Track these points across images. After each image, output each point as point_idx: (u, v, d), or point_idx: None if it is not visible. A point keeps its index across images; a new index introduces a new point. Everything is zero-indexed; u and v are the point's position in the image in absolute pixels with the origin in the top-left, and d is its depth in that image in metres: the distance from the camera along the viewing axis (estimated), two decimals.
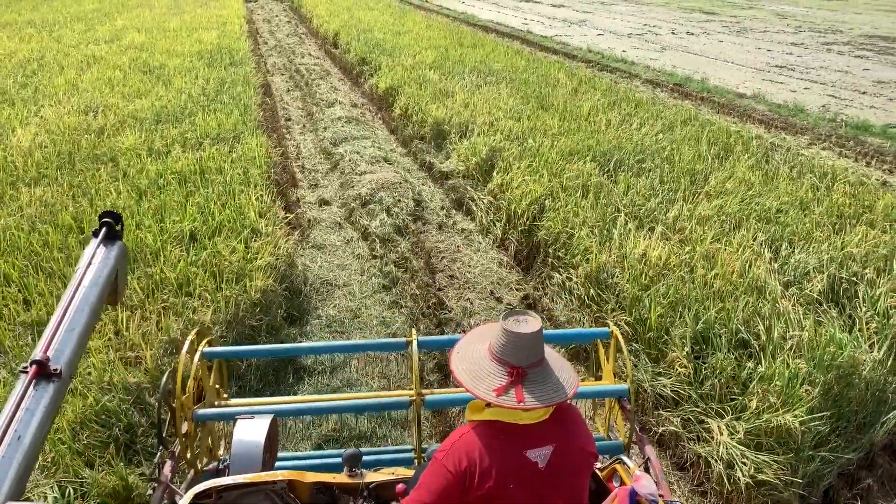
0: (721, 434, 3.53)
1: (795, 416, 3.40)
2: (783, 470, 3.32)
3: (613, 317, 4.47)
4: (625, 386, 2.70)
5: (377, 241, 6.29)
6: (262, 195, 6.12)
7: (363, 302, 5.39)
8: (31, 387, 1.59)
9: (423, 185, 7.92)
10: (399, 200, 7.15)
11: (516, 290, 5.64)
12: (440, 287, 5.79)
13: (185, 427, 2.60)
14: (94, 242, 2.02)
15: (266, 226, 5.56)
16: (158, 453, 2.51)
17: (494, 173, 7.02)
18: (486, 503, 1.72)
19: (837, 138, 9.21)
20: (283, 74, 14.13)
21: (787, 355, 3.83)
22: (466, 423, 1.83)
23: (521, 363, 1.73)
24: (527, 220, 5.93)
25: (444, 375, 4.47)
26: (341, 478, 2.32)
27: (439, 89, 10.20)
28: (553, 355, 1.83)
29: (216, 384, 2.85)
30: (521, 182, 6.38)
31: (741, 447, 3.42)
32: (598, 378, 2.96)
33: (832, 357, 3.73)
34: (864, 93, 12.45)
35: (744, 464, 3.38)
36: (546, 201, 6.03)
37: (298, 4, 24.84)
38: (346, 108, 11.30)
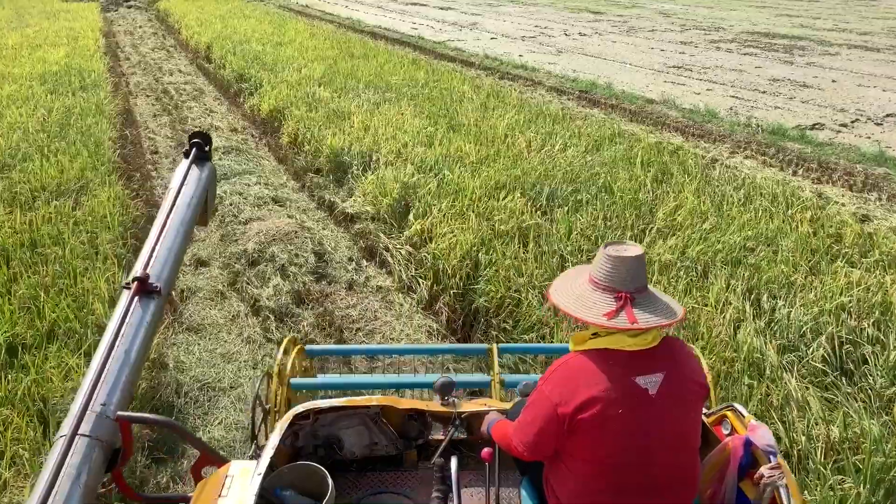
0: None
1: None
2: None
3: None
4: None
5: (271, 316, 5.03)
6: (115, 273, 4.70)
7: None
8: (134, 303, 1.66)
9: (324, 229, 6.68)
10: (296, 255, 5.89)
11: (454, 368, 4.57)
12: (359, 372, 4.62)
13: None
14: (184, 163, 2.10)
15: None
16: (252, 448, 2.49)
17: (410, 216, 5.92)
18: (593, 429, 1.66)
19: (758, 145, 8.82)
20: (148, 96, 12.33)
21: (822, 465, 3.00)
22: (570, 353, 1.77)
23: (628, 287, 1.70)
24: (460, 279, 4.87)
25: None
26: (434, 405, 2.33)
27: (333, 110, 8.97)
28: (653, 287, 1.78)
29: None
30: (446, 230, 5.31)
31: None
32: None
33: (880, 468, 2.92)
34: (763, 92, 12.36)
35: None
36: (479, 253, 5.00)
37: (165, 14, 22.59)
38: (225, 134, 9.81)
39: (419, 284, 5.27)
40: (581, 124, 8.49)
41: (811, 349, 3.81)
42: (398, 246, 5.72)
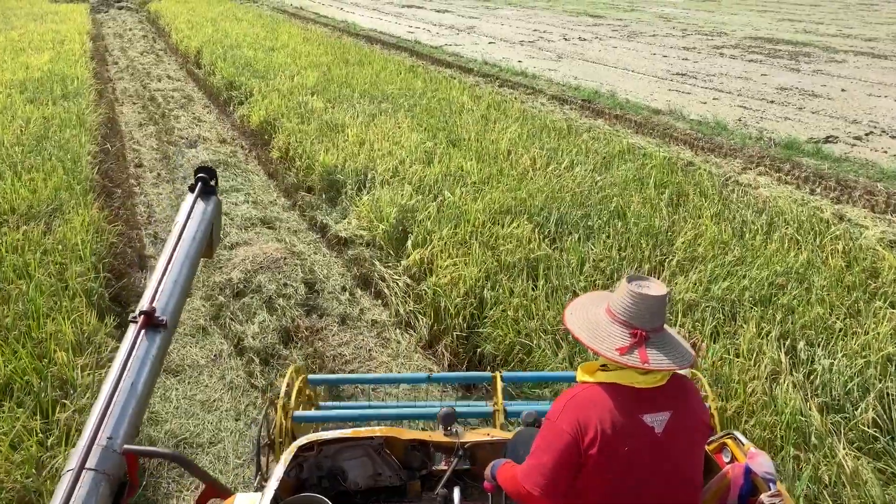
0: None
1: None
2: None
3: None
4: None
5: (256, 358, 4.59)
6: (83, 314, 4.25)
7: (240, 474, 3.70)
8: (141, 336, 1.68)
9: (315, 254, 6.25)
10: (285, 285, 5.46)
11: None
12: None
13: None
14: (190, 197, 2.10)
15: (86, 373, 3.72)
16: (257, 481, 2.46)
17: (409, 243, 5.49)
18: (599, 465, 1.64)
19: (771, 161, 8.41)
20: (134, 104, 11.87)
21: None
22: (577, 384, 1.76)
23: (645, 326, 1.67)
24: (463, 319, 4.44)
25: None
26: (437, 436, 2.35)
27: (326, 122, 8.53)
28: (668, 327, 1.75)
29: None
30: (448, 262, 4.88)
31: None
32: None
33: None
34: (771, 101, 11.98)
35: None
36: (484, 290, 4.57)
37: (156, 16, 22.10)
38: (213, 145, 9.38)
39: (418, 321, 4.85)
40: (588, 139, 8.07)
41: (859, 409, 3.41)
42: (395, 276, 5.29)
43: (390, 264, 5.50)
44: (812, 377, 3.66)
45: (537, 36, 19.79)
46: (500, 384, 2.79)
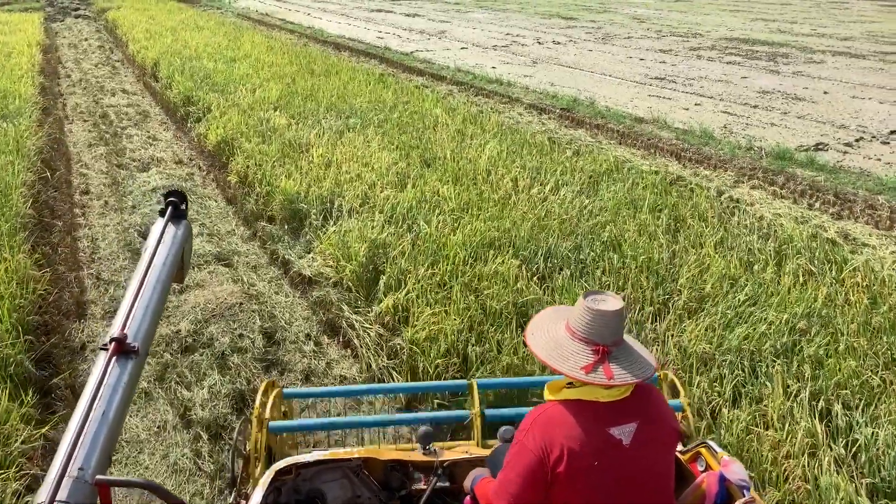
0: None
1: None
2: None
3: None
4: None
5: (204, 434, 3.94)
6: None
7: None
8: (112, 363, 1.66)
9: (277, 293, 5.60)
10: (241, 336, 4.83)
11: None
12: None
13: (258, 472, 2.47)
14: (160, 222, 2.08)
15: None
16: (233, 497, 2.49)
17: (381, 284, 4.88)
18: (570, 482, 1.66)
19: (764, 173, 7.96)
20: (85, 121, 11.07)
21: None
22: (544, 403, 1.78)
23: (606, 341, 1.70)
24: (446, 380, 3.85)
25: None
26: (416, 455, 2.34)
27: (289, 141, 7.88)
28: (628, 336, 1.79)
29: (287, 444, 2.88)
30: (426, 312, 4.28)
31: None
32: None
33: None
34: (755, 106, 11.59)
35: None
36: (468, 345, 3.98)
37: (113, 25, 21.15)
38: (168, 167, 8.66)
39: (392, 377, 4.24)
40: (571, 155, 7.54)
41: None
42: (366, 325, 4.67)
43: (360, 309, 4.88)
44: (854, 450, 3.14)
45: (510, 40, 19.29)
46: (476, 392, 2.70)
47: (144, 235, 6.57)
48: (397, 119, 8.73)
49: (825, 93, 12.54)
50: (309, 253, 5.84)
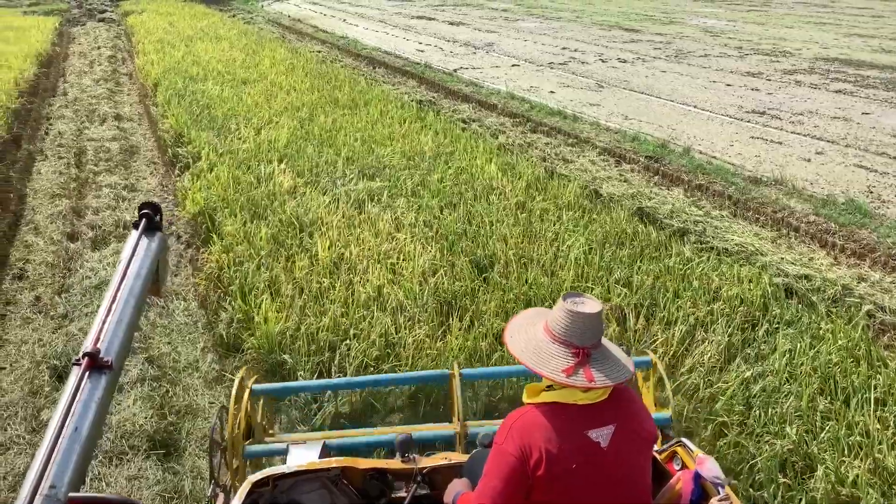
0: None
1: None
2: None
3: None
4: (667, 414, 2.71)
5: None
6: None
7: None
8: (85, 379, 1.60)
9: None
10: None
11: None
12: None
13: (235, 463, 2.64)
14: (134, 234, 2.05)
15: None
16: (210, 489, 2.55)
17: None
18: (549, 485, 1.67)
19: None
20: (60, 158, 9.09)
21: None
22: (523, 406, 1.79)
23: (585, 343, 1.71)
24: None
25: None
26: (395, 463, 2.35)
27: (288, 217, 5.70)
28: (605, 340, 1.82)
29: (264, 421, 2.93)
30: None
31: None
32: None
33: None
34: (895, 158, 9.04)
35: None
36: None
37: (131, 31, 19.40)
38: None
39: None
40: (691, 254, 5.17)
41: None
42: None
43: None
44: None
45: (568, 56, 16.91)
46: (457, 383, 2.70)
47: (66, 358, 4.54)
48: (438, 183, 6.47)
49: None
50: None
